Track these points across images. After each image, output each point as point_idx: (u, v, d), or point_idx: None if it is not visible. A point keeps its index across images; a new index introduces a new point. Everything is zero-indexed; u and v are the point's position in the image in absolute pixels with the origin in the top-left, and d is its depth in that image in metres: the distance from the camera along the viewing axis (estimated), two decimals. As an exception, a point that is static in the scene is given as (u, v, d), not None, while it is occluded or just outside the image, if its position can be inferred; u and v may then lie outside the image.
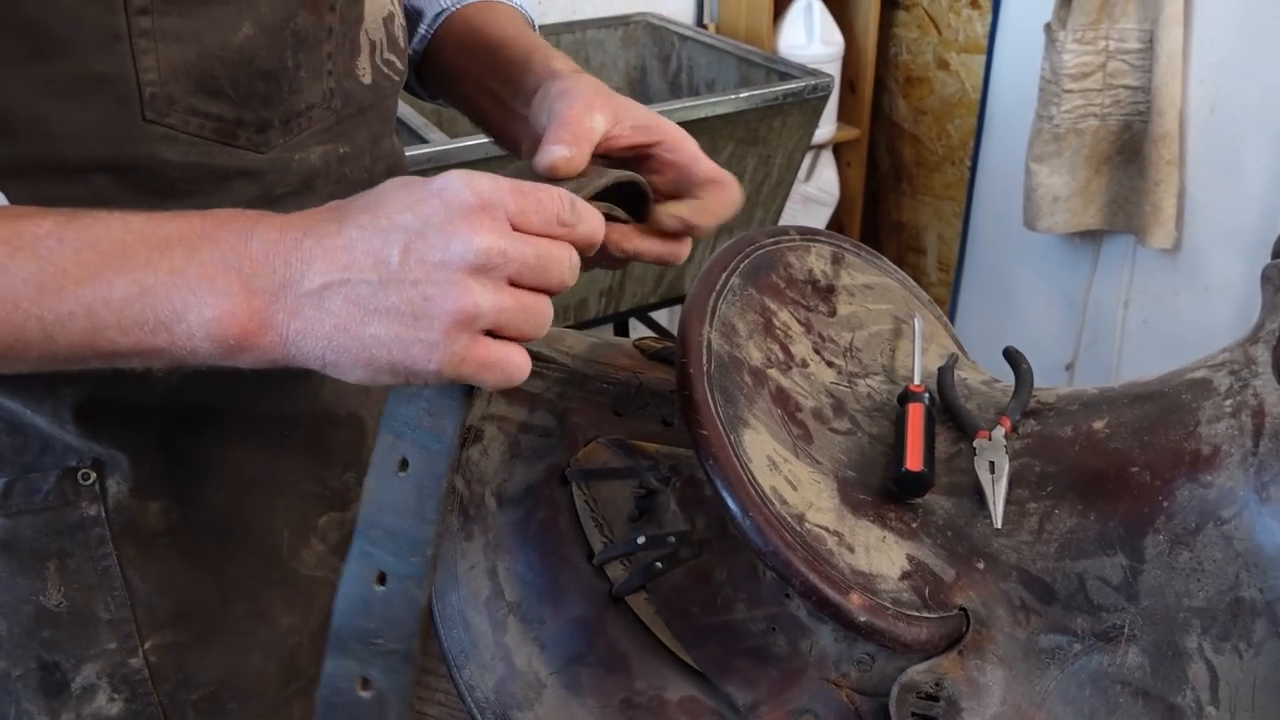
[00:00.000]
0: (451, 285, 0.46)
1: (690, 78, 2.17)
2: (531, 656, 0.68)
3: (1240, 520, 0.60)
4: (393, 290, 0.46)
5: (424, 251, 0.46)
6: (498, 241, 0.46)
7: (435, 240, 0.46)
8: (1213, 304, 1.93)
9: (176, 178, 0.58)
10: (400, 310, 0.46)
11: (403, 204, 0.47)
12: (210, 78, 0.57)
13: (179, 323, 0.47)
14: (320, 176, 0.65)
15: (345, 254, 0.47)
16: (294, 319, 0.47)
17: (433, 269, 0.46)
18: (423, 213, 0.47)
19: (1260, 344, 0.66)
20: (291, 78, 0.61)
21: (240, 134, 0.60)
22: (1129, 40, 1.85)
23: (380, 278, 0.46)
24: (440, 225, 0.46)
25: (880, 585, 0.61)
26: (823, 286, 0.80)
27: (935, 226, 2.53)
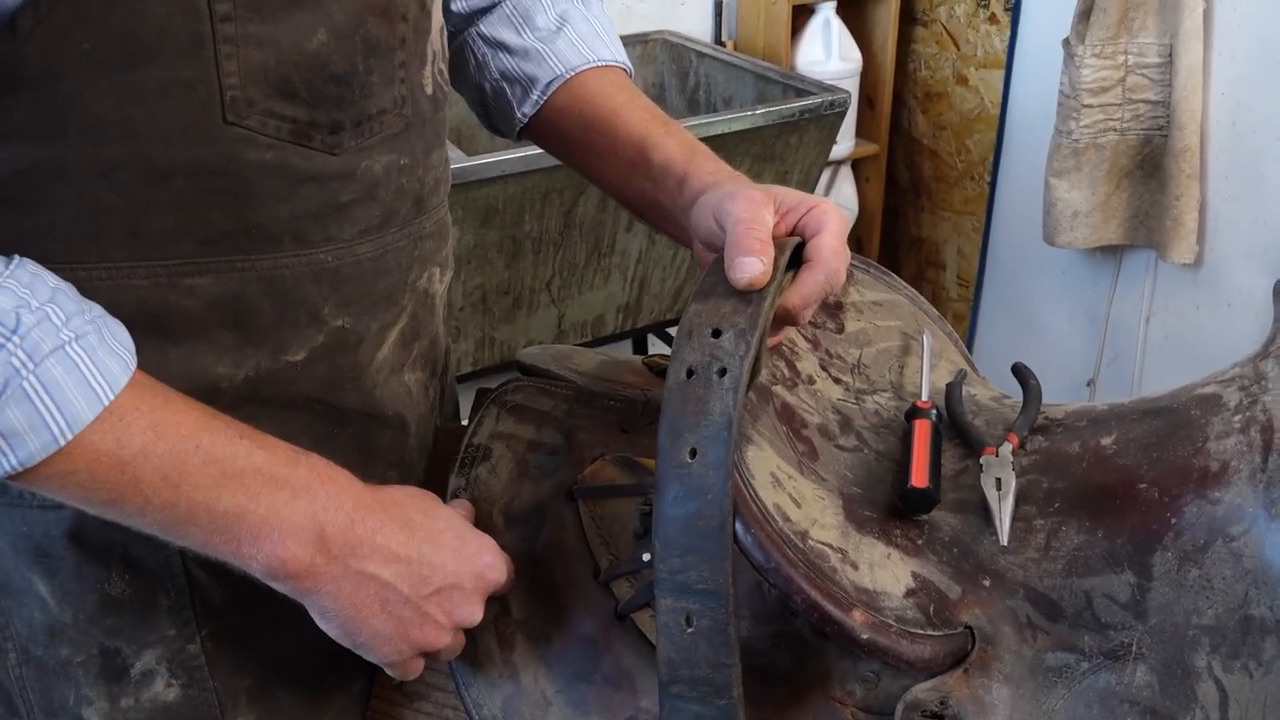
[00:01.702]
0: (441, 631, 0.64)
1: (708, 95, 2.18)
2: (538, 674, 0.68)
3: (1249, 537, 0.59)
4: (410, 608, 0.62)
5: (447, 604, 0.63)
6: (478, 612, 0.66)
7: (458, 599, 0.64)
8: (1234, 319, 1.91)
9: (253, 179, 0.61)
10: (402, 621, 0.62)
11: (456, 556, 0.64)
12: (286, 81, 0.60)
13: (254, 546, 0.57)
14: (381, 185, 0.68)
15: (398, 564, 0.61)
16: (333, 581, 0.59)
17: (441, 614, 0.63)
18: (463, 571, 0.64)
19: (1270, 359, 0.65)
20: (363, 82, 0.63)
21: (314, 135, 0.62)
22: (1148, 54, 1.84)
23: (411, 594, 0.61)
24: (467, 592, 0.64)
25: (884, 602, 0.60)
26: (830, 303, 0.80)
27: (955, 242, 2.52)
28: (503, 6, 0.85)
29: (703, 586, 0.56)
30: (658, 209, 0.79)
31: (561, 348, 0.89)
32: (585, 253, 1.75)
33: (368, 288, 0.69)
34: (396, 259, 0.71)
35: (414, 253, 0.73)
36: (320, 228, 0.65)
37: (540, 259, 1.71)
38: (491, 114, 0.88)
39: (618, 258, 1.80)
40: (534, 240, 1.68)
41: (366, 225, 0.68)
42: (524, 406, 0.81)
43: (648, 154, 0.78)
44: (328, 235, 0.66)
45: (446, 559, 0.63)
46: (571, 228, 1.70)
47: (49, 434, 0.52)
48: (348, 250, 0.67)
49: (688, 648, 0.56)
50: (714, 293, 0.60)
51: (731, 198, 0.66)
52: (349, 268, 0.68)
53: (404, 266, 0.72)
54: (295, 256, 0.65)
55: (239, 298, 0.64)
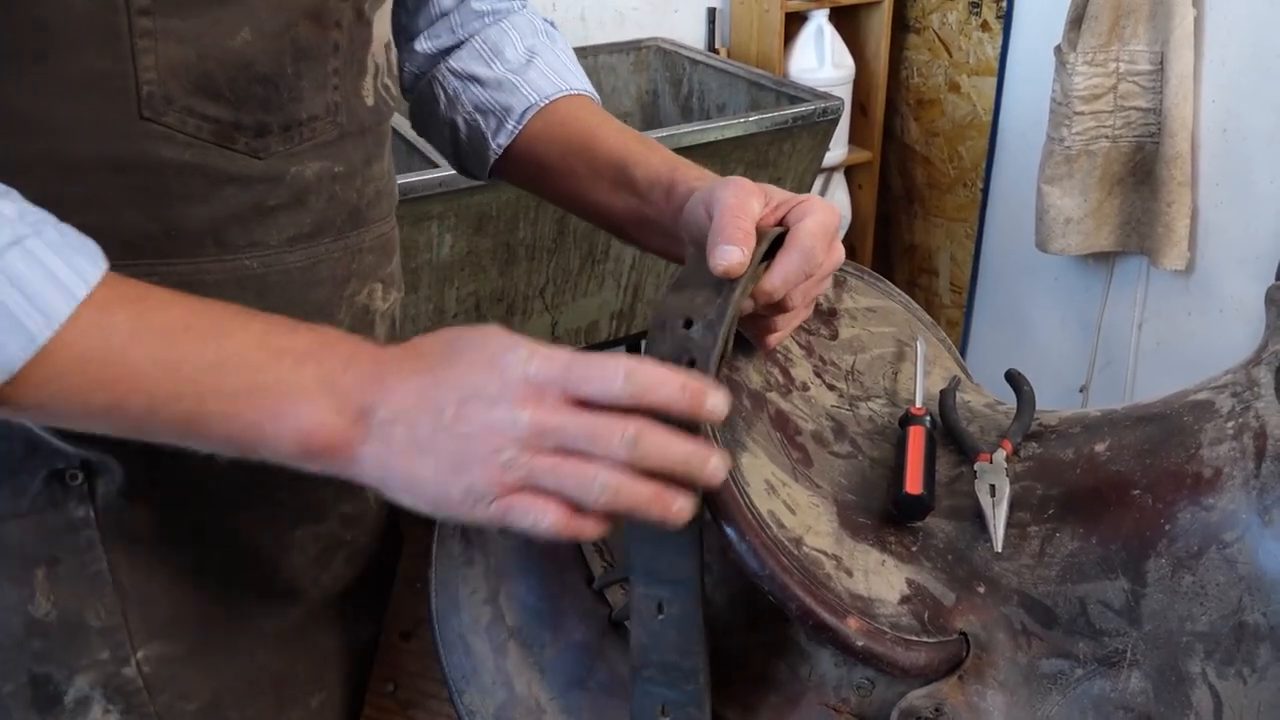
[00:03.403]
0: (491, 448, 0.51)
1: (701, 102, 2.18)
2: (532, 682, 0.68)
3: (1243, 543, 0.59)
4: (442, 436, 0.52)
5: (473, 413, 0.51)
6: (537, 419, 0.51)
7: (484, 407, 0.51)
8: (1226, 325, 1.92)
9: (172, 178, 0.59)
10: (444, 454, 0.52)
11: (471, 364, 0.53)
12: (208, 79, 0.58)
13: (275, 422, 0.52)
14: (313, 192, 0.66)
15: (415, 396, 0.53)
16: (365, 444, 0.53)
17: (478, 428, 0.51)
18: (482, 379, 0.52)
19: (1263, 366, 0.65)
20: (291, 85, 0.62)
21: (238, 137, 0.61)
22: (1139, 62, 1.85)
23: (434, 423, 0.52)
24: (493, 395, 0.51)
25: (879, 609, 0.60)
26: (824, 310, 0.80)
27: (948, 249, 2.52)
28: (471, 43, 0.85)
29: (672, 576, 0.57)
30: (644, 223, 0.78)
31: (555, 354, 0.89)
32: (579, 259, 1.75)
33: (297, 299, 0.67)
34: (330, 270, 0.69)
35: (351, 265, 0.71)
36: (244, 232, 0.63)
37: (534, 266, 1.71)
38: (463, 152, 0.87)
39: (611, 264, 1.80)
40: (528, 247, 1.68)
41: (296, 233, 0.66)
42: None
43: (629, 170, 0.77)
44: (252, 240, 0.64)
45: (460, 372, 0.53)
46: (565, 234, 1.70)
47: (25, 333, 0.48)
48: (275, 258, 0.65)
49: (657, 634, 0.57)
50: (690, 283, 0.60)
51: (724, 185, 0.66)
52: (276, 276, 0.65)
53: (339, 279, 0.70)
54: (217, 262, 0.63)
55: None
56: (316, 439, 0.52)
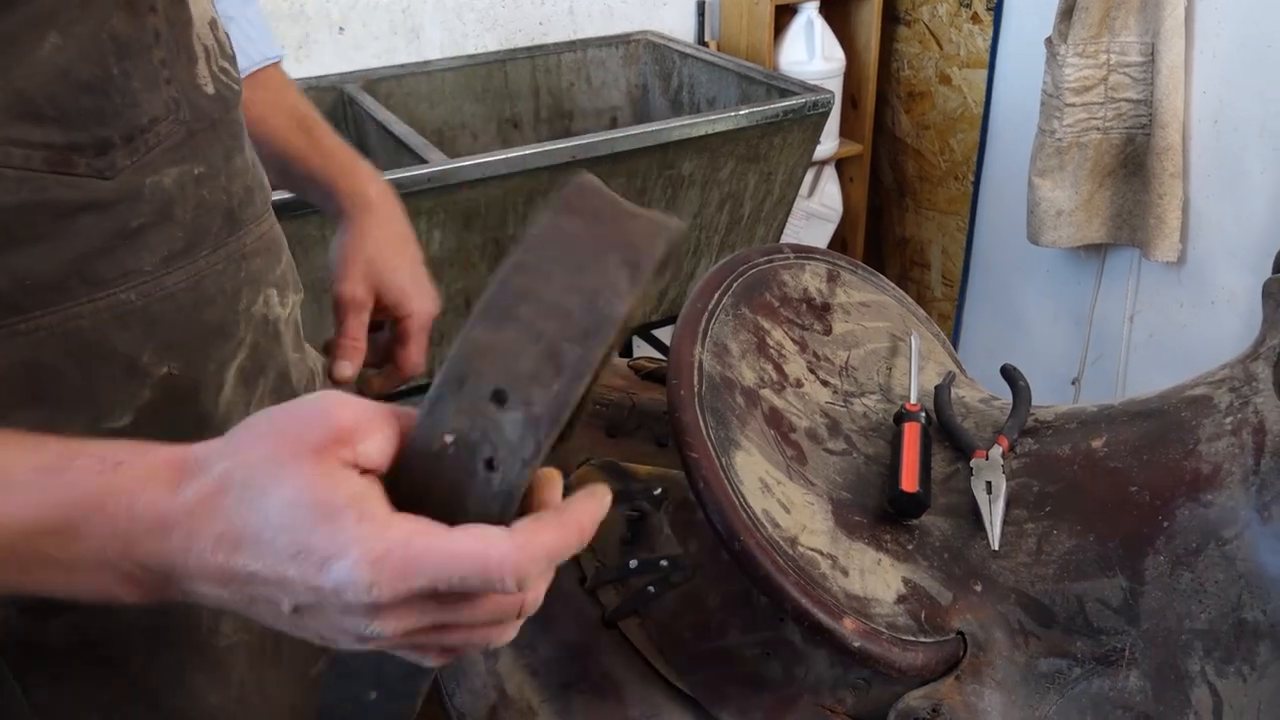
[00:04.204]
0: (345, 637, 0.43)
1: (691, 95, 2.16)
2: (523, 683, 0.67)
3: (1242, 540, 0.59)
4: (284, 623, 0.44)
5: (316, 617, 0.43)
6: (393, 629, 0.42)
7: (328, 617, 0.42)
8: (1218, 316, 1.91)
9: (12, 223, 0.51)
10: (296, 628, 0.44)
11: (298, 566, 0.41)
12: (24, 100, 0.50)
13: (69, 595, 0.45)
14: (178, 202, 0.59)
15: (233, 587, 0.43)
16: (189, 596, 0.44)
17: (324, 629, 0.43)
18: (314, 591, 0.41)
19: (1260, 360, 0.65)
20: (122, 88, 0.54)
21: (77, 160, 0.53)
22: (1130, 53, 1.84)
23: (271, 614, 0.44)
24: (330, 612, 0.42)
25: (875, 609, 0.59)
26: (818, 305, 0.79)
27: (939, 241, 2.52)
28: None
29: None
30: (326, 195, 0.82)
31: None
32: (569, 254, 1.74)
33: (189, 323, 0.61)
34: (218, 285, 0.63)
35: (239, 275, 0.65)
36: (112, 263, 0.56)
37: (524, 261, 1.70)
38: None
39: (602, 259, 1.79)
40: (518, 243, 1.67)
41: (170, 251, 0.59)
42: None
43: (288, 168, 0.81)
44: (124, 270, 0.56)
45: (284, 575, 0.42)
46: (555, 229, 1.69)
47: None
48: (154, 284, 0.58)
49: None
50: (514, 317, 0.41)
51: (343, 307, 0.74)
52: (160, 304, 0.59)
53: (230, 293, 0.64)
54: (90, 303, 0.55)
55: (33, 365, 0.54)
56: (129, 602, 0.45)
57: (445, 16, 2.08)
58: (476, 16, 2.11)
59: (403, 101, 1.98)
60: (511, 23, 2.16)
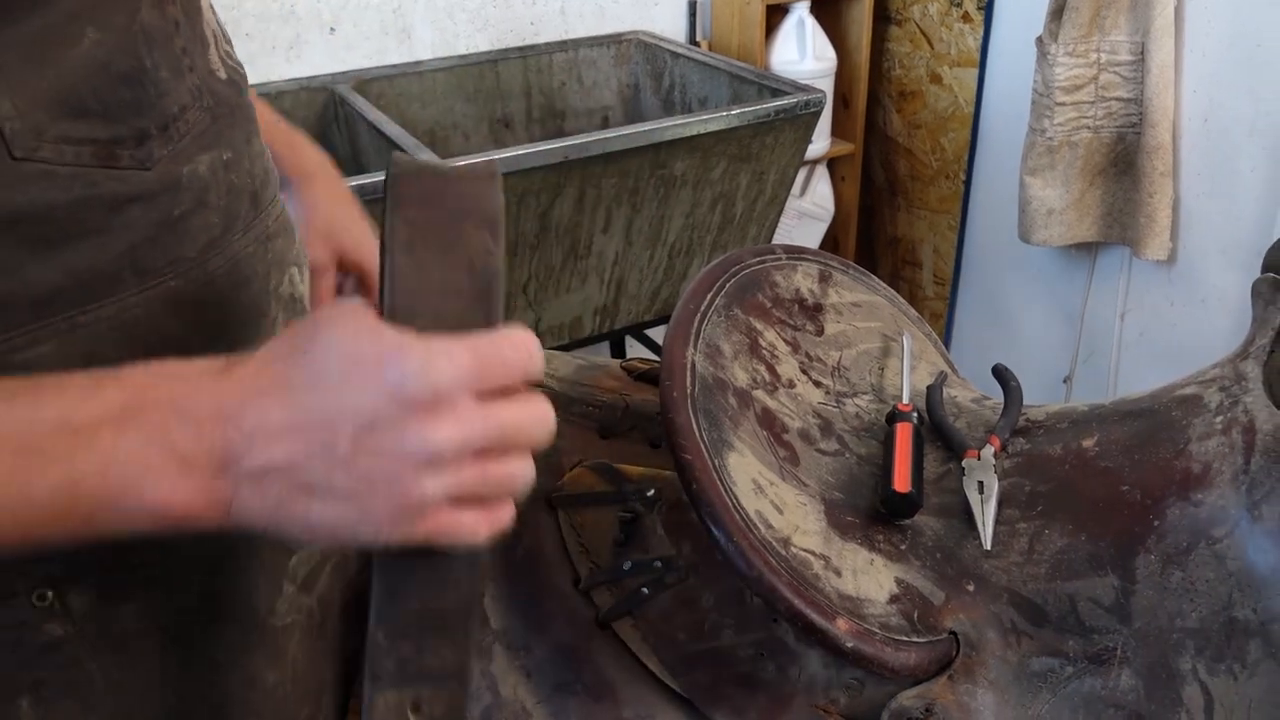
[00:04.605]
0: (400, 479, 0.45)
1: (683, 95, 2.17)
2: (517, 685, 0.67)
3: (1232, 539, 0.59)
4: (338, 475, 0.45)
5: (374, 445, 0.44)
6: (454, 435, 0.45)
7: (386, 437, 0.44)
8: (1209, 315, 1.92)
9: (66, 219, 0.52)
10: (346, 494, 0.45)
11: (349, 384, 0.45)
12: (71, 96, 0.52)
13: (114, 510, 0.45)
14: (211, 188, 0.60)
15: (290, 436, 0.45)
16: (234, 498, 0.45)
17: (383, 461, 0.45)
18: (371, 401, 0.44)
19: (1250, 359, 0.65)
20: (154, 79, 0.56)
21: (121, 153, 0.54)
22: (1120, 52, 1.85)
23: (325, 463, 0.45)
24: (393, 418, 0.44)
25: (868, 609, 0.60)
26: (810, 305, 0.79)
27: (931, 240, 2.52)
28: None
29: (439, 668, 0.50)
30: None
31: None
32: (562, 255, 1.74)
33: (231, 306, 0.62)
34: (251, 267, 0.64)
35: (267, 256, 0.66)
36: (160, 252, 0.57)
37: (516, 262, 1.70)
38: None
39: (594, 260, 1.79)
40: (509, 243, 1.66)
41: (209, 237, 0.60)
42: (501, 413, 0.80)
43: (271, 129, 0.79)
44: (170, 258, 0.58)
45: (342, 398, 0.45)
46: (548, 230, 1.68)
47: None
48: (199, 270, 0.60)
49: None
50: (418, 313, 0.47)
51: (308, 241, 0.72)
52: (204, 290, 0.60)
53: (261, 274, 0.66)
54: (141, 292, 0.56)
55: (91, 357, 0.54)
56: (172, 511, 0.45)
57: (436, 16, 2.08)
58: (468, 16, 2.11)
59: (394, 102, 1.98)
60: (503, 23, 2.16)
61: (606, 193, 1.69)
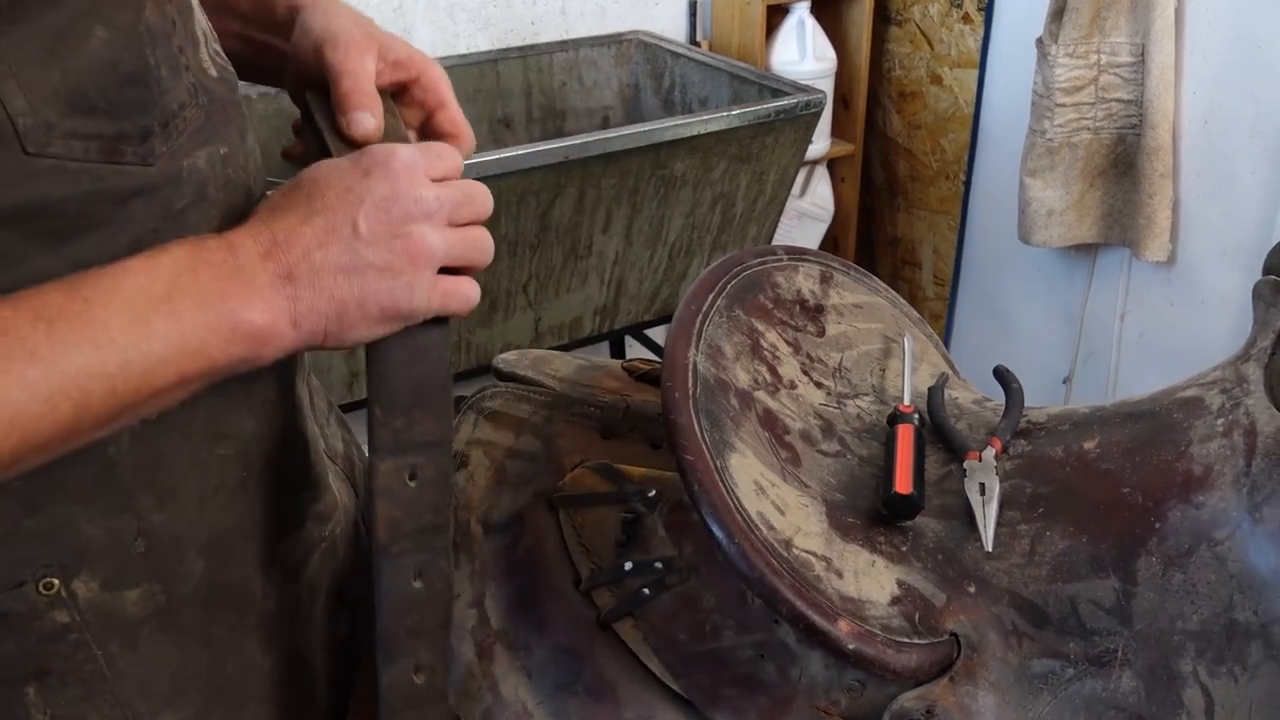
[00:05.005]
0: (411, 235, 0.57)
1: (683, 95, 2.17)
2: (518, 685, 0.67)
3: (1233, 541, 0.59)
4: (368, 249, 0.56)
5: (383, 213, 0.57)
6: (431, 191, 0.58)
7: (388, 203, 0.57)
8: (1208, 316, 1.92)
9: (74, 213, 0.54)
10: (379, 264, 0.56)
11: (345, 183, 0.57)
12: (79, 93, 0.53)
13: (214, 340, 0.53)
14: (210, 183, 0.62)
15: (321, 233, 0.56)
16: (298, 302, 0.55)
17: (394, 224, 0.57)
18: (367, 185, 0.57)
19: (1252, 361, 0.65)
20: (157, 77, 0.58)
21: (125, 149, 0.56)
22: (1121, 54, 1.85)
23: (354, 243, 0.56)
24: (387, 190, 0.57)
25: (869, 611, 0.60)
26: (811, 306, 0.79)
27: (930, 241, 2.52)
28: None
29: (426, 439, 0.60)
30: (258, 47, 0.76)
31: (538, 352, 0.88)
32: (562, 255, 1.74)
33: None
34: None
35: None
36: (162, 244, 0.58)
37: (517, 262, 1.70)
38: None
39: (595, 259, 1.79)
40: (510, 243, 1.66)
41: (208, 229, 0.61)
42: (501, 413, 0.80)
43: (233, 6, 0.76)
44: None
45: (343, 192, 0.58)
46: (548, 230, 1.68)
47: None
48: None
49: (412, 501, 0.60)
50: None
51: (333, 43, 0.68)
52: None
53: None
54: None
55: None
56: (255, 331, 0.55)
57: (437, 16, 2.08)
58: (468, 16, 2.11)
59: (394, 101, 1.98)
60: (503, 22, 2.16)
61: (607, 193, 1.69)
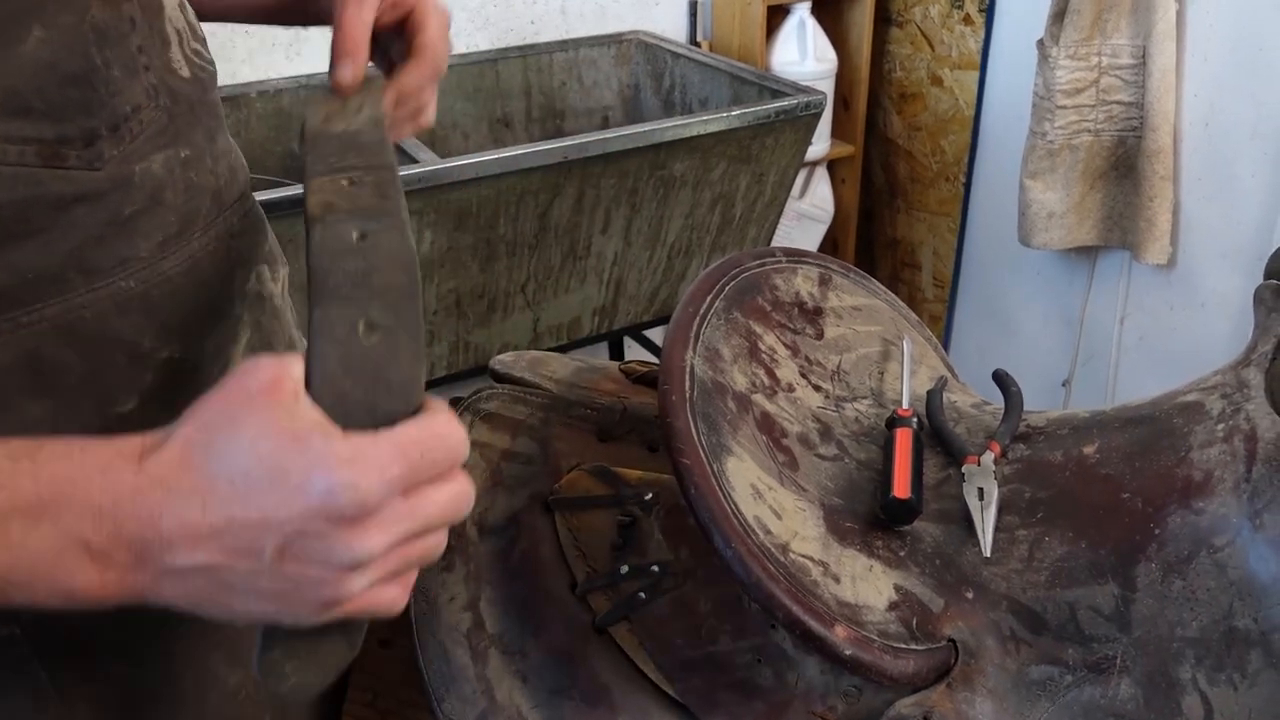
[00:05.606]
0: (325, 583, 0.45)
1: (683, 95, 2.16)
2: (513, 689, 0.67)
3: (1233, 548, 0.58)
4: (264, 579, 0.45)
5: (300, 553, 0.44)
6: (380, 543, 0.45)
7: (313, 547, 0.44)
8: (1208, 319, 1.92)
9: (10, 218, 0.51)
10: (269, 595, 0.45)
11: (277, 497, 0.44)
12: (14, 95, 0.51)
13: (25, 591, 0.45)
14: (167, 187, 0.59)
15: (213, 542, 0.44)
16: (154, 588, 0.45)
17: (309, 569, 0.45)
18: (300, 516, 0.43)
19: (1252, 366, 0.65)
20: (105, 79, 0.55)
21: (67, 153, 0.53)
22: (1122, 56, 1.85)
23: (251, 569, 0.45)
24: (319, 533, 0.44)
25: (866, 616, 0.59)
26: (810, 309, 0.79)
27: (930, 243, 2.52)
28: None
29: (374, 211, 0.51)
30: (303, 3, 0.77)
31: (535, 354, 0.87)
32: (560, 255, 1.73)
33: (188, 306, 0.62)
34: (213, 265, 0.64)
35: (230, 255, 0.66)
36: (109, 252, 0.57)
37: (515, 262, 1.70)
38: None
39: (593, 260, 1.78)
40: (509, 243, 1.66)
41: (164, 236, 0.60)
42: (498, 415, 0.79)
43: None
44: (120, 258, 0.57)
45: (267, 509, 0.44)
46: (546, 230, 1.68)
47: None
48: (152, 270, 0.59)
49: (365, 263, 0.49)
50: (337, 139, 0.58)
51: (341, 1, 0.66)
52: (158, 289, 0.59)
53: (224, 273, 0.65)
54: (90, 292, 0.56)
55: (37, 356, 0.54)
56: (86, 597, 0.45)
57: (437, 15, 2.07)
58: (468, 15, 2.11)
59: (394, 100, 1.97)
60: (503, 21, 2.15)
61: (606, 193, 1.69)
